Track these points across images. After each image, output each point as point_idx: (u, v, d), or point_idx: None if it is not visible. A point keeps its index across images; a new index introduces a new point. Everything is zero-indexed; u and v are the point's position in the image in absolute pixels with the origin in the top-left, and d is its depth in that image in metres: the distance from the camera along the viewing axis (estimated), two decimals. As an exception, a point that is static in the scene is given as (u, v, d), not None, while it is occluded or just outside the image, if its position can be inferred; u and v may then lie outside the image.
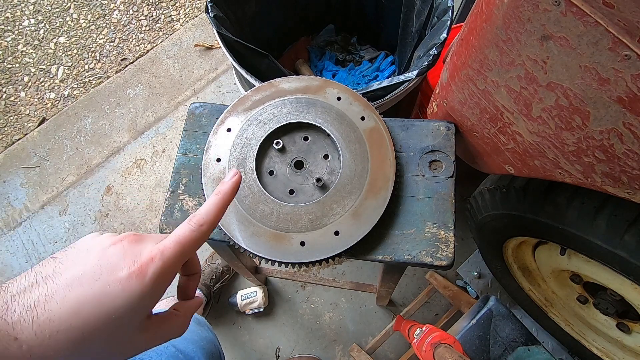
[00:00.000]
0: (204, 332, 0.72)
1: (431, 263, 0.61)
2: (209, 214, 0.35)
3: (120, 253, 0.31)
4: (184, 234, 0.33)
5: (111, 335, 0.29)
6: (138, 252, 0.31)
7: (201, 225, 0.34)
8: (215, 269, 1.30)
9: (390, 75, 1.40)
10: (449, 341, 0.78)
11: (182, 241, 0.33)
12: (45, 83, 1.74)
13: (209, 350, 0.67)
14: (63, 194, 1.53)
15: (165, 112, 1.64)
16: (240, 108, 0.70)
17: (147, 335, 0.32)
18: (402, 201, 0.65)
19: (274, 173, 0.67)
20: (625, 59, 0.40)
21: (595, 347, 1.01)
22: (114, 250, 0.31)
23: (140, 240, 0.32)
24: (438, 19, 0.95)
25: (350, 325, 1.30)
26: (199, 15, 1.85)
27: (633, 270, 0.63)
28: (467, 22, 0.59)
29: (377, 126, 0.67)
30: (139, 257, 0.31)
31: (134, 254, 0.31)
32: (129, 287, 0.29)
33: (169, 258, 0.32)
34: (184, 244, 0.33)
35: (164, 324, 0.34)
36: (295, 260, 0.60)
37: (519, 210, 0.79)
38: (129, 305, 0.29)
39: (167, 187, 0.66)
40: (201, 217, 0.35)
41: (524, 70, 0.51)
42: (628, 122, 0.45)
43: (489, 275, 1.28)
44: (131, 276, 0.30)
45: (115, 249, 0.31)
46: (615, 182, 0.53)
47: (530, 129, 0.56)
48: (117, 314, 0.29)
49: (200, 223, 0.34)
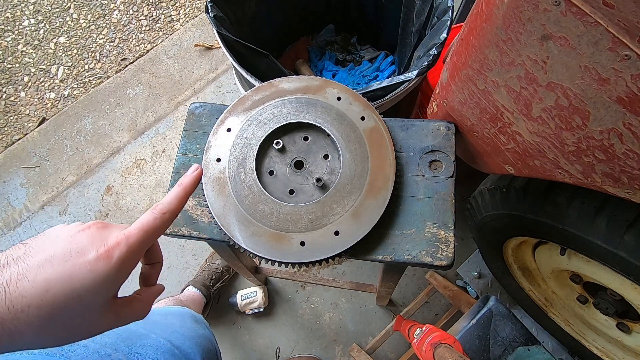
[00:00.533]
0: (200, 330, 0.72)
1: (431, 263, 0.61)
2: (171, 204, 0.38)
3: (89, 238, 0.33)
4: (147, 222, 0.35)
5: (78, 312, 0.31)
6: (105, 237, 0.33)
7: (164, 213, 0.37)
8: (214, 270, 1.30)
9: (390, 75, 1.40)
10: (449, 341, 0.78)
11: (145, 228, 0.35)
12: (45, 83, 1.74)
13: (205, 347, 0.68)
14: (63, 194, 1.53)
15: (165, 112, 1.64)
16: (240, 108, 0.70)
17: (111, 315, 0.34)
18: (402, 201, 0.65)
19: (274, 173, 0.67)
20: (625, 59, 0.40)
21: (595, 347, 1.01)
22: (82, 235, 0.33)
23: (106, 227, 0.35)
24: (438, 19, 0.95)
25: (350, 325, 1.30)
26: (199, 15, 1.85)
27: (633, 270, 0.63)
28: (467, 22, 0.59)
29: (377, 126, 0.67)
30: (106, 242, 0.33)
31: (101, 239, 0.33)
32: (96, 269, 0.31)
33: (134, 243, 0.34)
34: (148, 231, 0.35)
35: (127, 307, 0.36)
36: (295, 260, 0.60)
37: (519, 210, 0.79)
38: (96, 285, 0.31)
39: (167, 187, 0.66)
40: (164, 206, 0.37)
41: (524, 70, 0.51)
42: (628, 122, 0.45)
43: (489, 275, 1.28)
44: (99, 258, 0.32)
45: (84, 234, 0.33)
46: (615, 182, 0.53)
47: (530, 129, 0.56)
48: (85, 293, 0.31)
49: (164, 211, 0.37)
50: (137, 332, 0.59)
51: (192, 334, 0.67)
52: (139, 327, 0.60)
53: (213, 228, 0.66)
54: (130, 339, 0.56)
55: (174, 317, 0.71)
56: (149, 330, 0.61)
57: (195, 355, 0.63)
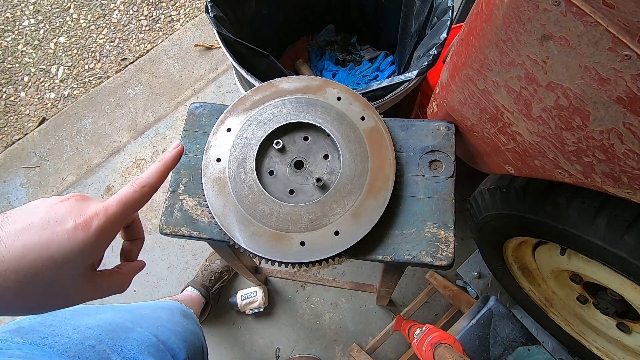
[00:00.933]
0: (189, 325, 0.72)
1: (431, 263, 0.61)
2: (150, 177, 0.39)
3: (68, 208, 0.34)
4: (126, 194, 0.36)
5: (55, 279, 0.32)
6: (84, 208, 0.34)
7: (143, 186, 0.37)
8: (214, 270, 1.30)
9: (390, 75, 1.40)
10: (449, 341, 0.78)
11: (124, 200, 0.36)
12: (45, 83, 1.74)
13: (191, 343, 0.67)
14: (63, 194, 1.52)
15: (165, 112, 1.64)
16: (240, 108, 0.70)
17: (90, 285, 0.35)
18: (402, 201, 0.65)
19: (274, 173, 0.67)
20: (625, 59, 0.40)
21: (595, 347, 1.01)
22: (61, 205, 0.34)
23: (85, 199, 0.35)
24: (438, 19, 0.95)
25: (350, 325, 1.30)
26: (199, 15, 1.85)
27: (633, 270, 0.63)
28: (467, 22, 0.59)
29: (377, 126, 0.67)
30: (85, 212, 0.34)
31: (80, 209, 0.34)
32: (74, 237, 0.32)
33: (112, 214, 0.35)
34: (126, 203, 0.36)
35: (107, 279, 0.37)
36: (295, 260, 0.60)
37: (519, 210, 0.79)
38: (73, 253, 0.32)
39: (167, 187, 0.66)
40: (143, 179, 0.38)
41: (524, 70, 0.51)
42: (628, 122, 0.45)
43: (489, 275, 1.28)
44: (77, 227, 0.33)
45: (62, 205, 0.34)
46: (615, 182, 0.53)
47: (530, 129, 0.56)
48: (62, 260, 0.31)
49: (143, 184, 0.38)
50: (123, 325, 0.58)
51: (179, 329, 0.67)
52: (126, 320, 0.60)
53: (213, 228, 0.66)
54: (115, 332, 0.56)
55: (163, 310, 0.71)
56: (135, 323, 0.60)
57: (180, 351, 0.63)
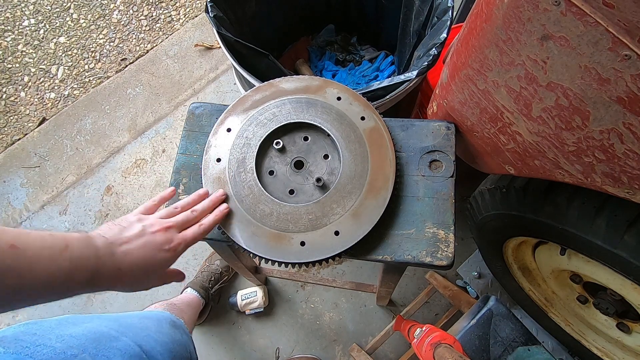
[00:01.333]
0: (177, 335, 0.71)
1: (431, 263, 0.61)
2: (210, 225, 0.60)
3: (163, 237, 0.55)
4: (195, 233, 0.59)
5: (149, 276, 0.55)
6: (171, 238, 0.56)
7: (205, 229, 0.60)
8: (214, 271, 1.30)
9: (390, 75, 1.40)
10: (449, 341, 0.78)
11: (195, 236, 0.59)
12: (45, 83, 1.74)
13: (177, 354, 0.67)
14: (63, 194, 1.53)
15: (165, 112, 1.64)
16: (240, 108, 0.70)
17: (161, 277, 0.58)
18: (402, 201, 0.65)
19: (274, 173, 0.67)
20: (625, 59, 0.40)
21: (595, 347, 1.01)
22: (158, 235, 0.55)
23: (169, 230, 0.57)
24: (438, 19, 0.95)
25: (350, 325, 1.30)
26: (199, 15, 1.85)
27: (633, 270, 0.63)
28: (467, 22, 0.59)
29: (377, 126, 0.67)
30: (172, 241, 0.56)
31: (168, 239, 0.56)
32: (165, 256, 0.55)
33: (187, 244, 0.58)
34: (195, 237, 0.59)
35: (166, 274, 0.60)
36: (295, 260, 0.60)
37: (519, 210, 0.79)
38: (162, 265, 0.55)
39: (167, 187, 0.66)
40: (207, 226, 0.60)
41: (524, 70, 0.51)
42: (628, 122, 0.45)
43: (489, 275, 1.28)
44: (168, 251, 0.55)
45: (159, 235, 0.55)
46: (615, 182, 0.53)
47: (530, 129, 0.56)
48: (155, 268, 0.55)
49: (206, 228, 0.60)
50: (108, 335, 0.58)
51: (166, 340, 0.67)
52: (111, 329, 0.60)
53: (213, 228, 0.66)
54: (99, 341, 0.56)
55: (151, 321, 0.71)
56: (120, 332, 0.60)
57: None
